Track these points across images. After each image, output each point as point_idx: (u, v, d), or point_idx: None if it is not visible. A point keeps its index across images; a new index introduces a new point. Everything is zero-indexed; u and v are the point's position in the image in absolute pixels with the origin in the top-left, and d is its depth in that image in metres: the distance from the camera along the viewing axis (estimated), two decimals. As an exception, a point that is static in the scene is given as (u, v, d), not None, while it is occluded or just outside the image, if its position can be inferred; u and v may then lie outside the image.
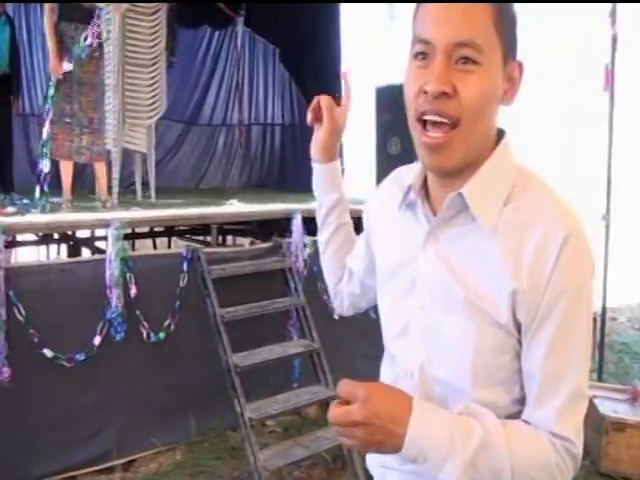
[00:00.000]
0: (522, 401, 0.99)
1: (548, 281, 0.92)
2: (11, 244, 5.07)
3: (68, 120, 4.37)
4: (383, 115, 5.43)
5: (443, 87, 0.92)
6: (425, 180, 1.07)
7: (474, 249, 0.99)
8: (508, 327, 0.95)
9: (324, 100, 1.31)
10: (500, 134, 1.04)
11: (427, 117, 0.95)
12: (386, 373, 1.21)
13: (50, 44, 4.42)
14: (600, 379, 4.46)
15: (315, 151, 1.34)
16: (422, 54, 0.95)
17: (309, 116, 1.32)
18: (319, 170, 1.36)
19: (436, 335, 1.02)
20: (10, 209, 3.97)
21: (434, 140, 0.95)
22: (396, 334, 1.12)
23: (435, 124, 0.95)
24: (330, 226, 1.41)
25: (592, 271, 0.97)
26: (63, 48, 4.42)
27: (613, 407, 3.62)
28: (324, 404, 3.63)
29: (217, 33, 8.87)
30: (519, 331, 0.96)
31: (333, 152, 1.35)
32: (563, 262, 0.92)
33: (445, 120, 0.93)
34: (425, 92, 0.93)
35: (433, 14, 0.95)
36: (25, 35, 7.16)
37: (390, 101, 5.43)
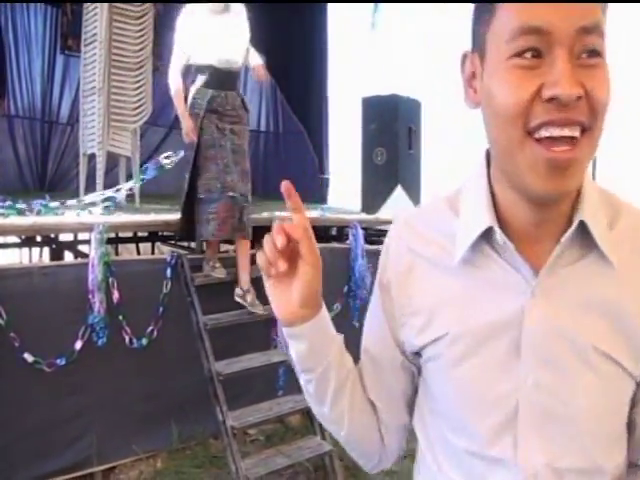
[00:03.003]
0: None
1: None
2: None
3: (231, 194, 3.63)
4: (369, 125, 5.47)
5: (577, 90, 0.70)
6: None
7: (596, 291, 0.80)
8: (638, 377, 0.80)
9: (298, 230, 0.83)
10: None
11: (552, 129, 0.72)
12: None
13: (180, 107, 3.80)
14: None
15: (294, 307, 0.87)
16: (532, 50, 0.72)
17: (267, 265, 0.84)
18: (308, 330, 0.89)
19: (562, 414, 0.79)
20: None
21: (564, 155, 0.72)
22: (494, 430, 0.82)
23: (556, 137, 0.72)
24: (342, 393, 0.94)
25: None
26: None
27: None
28: (306, 413, 3.62)
29: (204, 39, 8.86)
30: None
31: (320, 294, 0.90)
32: None
33: (575, 133, 0.72)
34: (550, 99, 0.71)
35: None
36: (11, 36, 7.11)
37: (376, 111, 5.49)
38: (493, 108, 0.76)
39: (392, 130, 5.35)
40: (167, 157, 4.31)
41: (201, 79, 3.73)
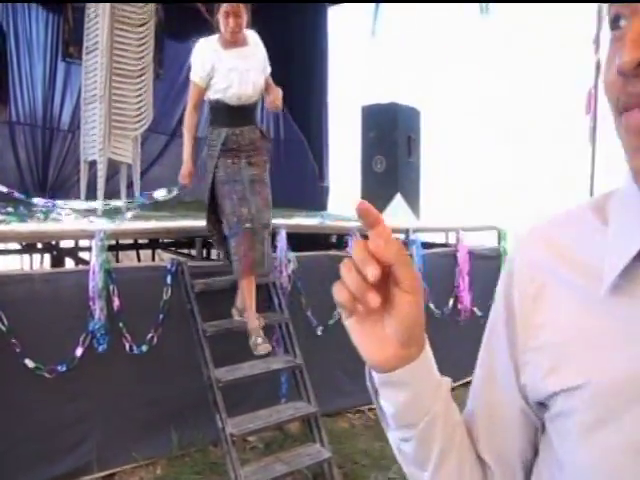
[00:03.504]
0: None
1: None
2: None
3: (248, 226, 3.49)
4: (368, 133, 5.51)
5: (638, 55, 0.55)
6: None
7: None
8: None
9: (391, 250, 0.61)
10: None
11: (629, 114, 0.57)
12: None
13: (185, 148, 3.78)
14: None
15: (394, 348, 0.67)
16: (618, 18, 0.59)
17: (350, 302, 0.64)
18: (411, 375, 0.69)
19: None
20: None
21: None
22: None
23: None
24: (450, 453, 0.73)
25: None
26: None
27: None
28: (306, 420, 3.63)
29: (205, 46, 8.91)
30: None
31: (424, 327, 0.71)
32: None
33: None
34: (619, 72, 0.57)
35: None
36: (13, 43, 7.14)
37: (375, 120, 5.52)
38: None
39: (391, 138, 5.39)
40: (161, 193, 4.23)
41: (216, 117, 3.64)
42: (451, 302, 5.23)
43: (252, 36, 3.69)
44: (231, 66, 3.51)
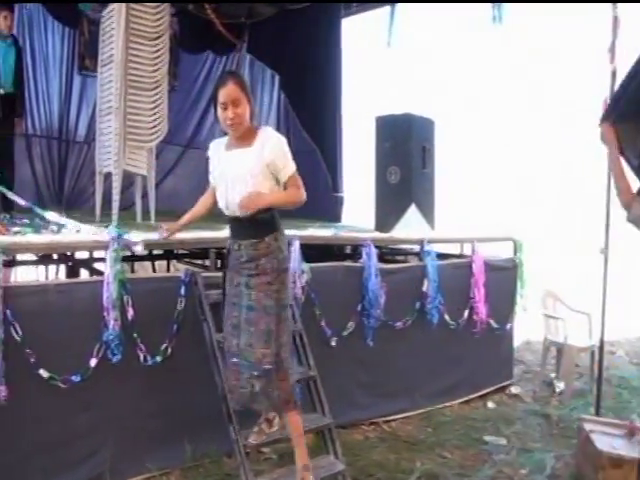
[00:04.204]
0: None
1: None
2: (10, 263, 5.07)
3: (234, 360, 3.12)
4: (383, 144, 5.48)
5: None
6: None
7: None
8: None
9: None
10: None
11: None
12: None
13: (187, 214, 3.64)
14: (598, 413, 4.44)
15: None
16: None
17: None
18: None
19: None
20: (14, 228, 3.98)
21: None
22: None
23: None
24: None
25: None
26: None
27: (610, 442, 3.58)
28: (320, 432, 3.60)
29: (219, 59, 8.98)
30: None
31: None
32: None
33: None
34: None
35: None
36: (29, 57, 7.23)
37: (390, 130, 5.50)
38: None
39: (406, 149, 5.36)
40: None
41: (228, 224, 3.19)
42: (466, 314, 5.19)
43: (263, 134, 3.00)
44: (222, 171, 3.09)
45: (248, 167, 2.92)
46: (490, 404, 5.23)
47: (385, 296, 4.54)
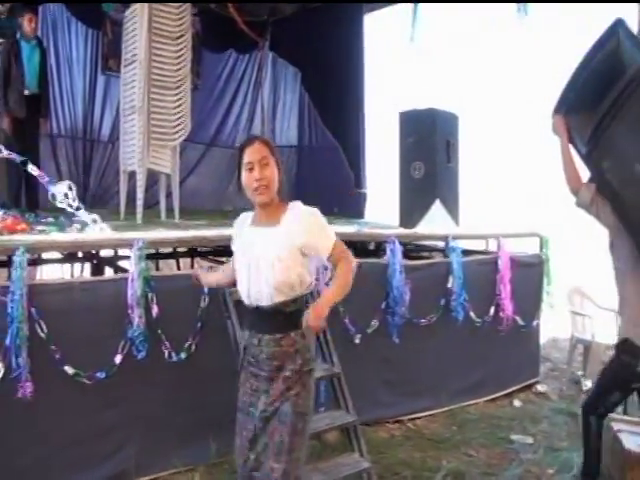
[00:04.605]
0: None
1: None
2: (36, 262, 5.13)
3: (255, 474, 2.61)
4: (407, 139, 5.44)
5: None
6: None
7: None
8: None
9: None
10: None
11: None
12: None
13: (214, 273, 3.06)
14: (626, 412, 4.36)
15: None
16: None
17: None
18: None
19: None
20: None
21: None
22: None
23: None
24: None
25: None
26: None
27: (638, 441, 3.51)
28: (344, 429, 3.58)
29: (241, 57, 9.01)
30: None
31: None
32: None
33: None
34: None
35: None
36: (53, 58, 7.31)
37: (414, 125, 5.46)
38: None
39: (430, 144, 5.31)
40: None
41: (243, 313, 2.73)
42: (492, 311, 5.12)
43: (293, 211, 2.47)
44: (244, 250, 2.53)
45: (275, 251, 2.39)
46: (516, 402, 5.15)
47: (410, 293, 4.50)
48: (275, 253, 2.39)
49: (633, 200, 3.01)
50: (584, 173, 3.26)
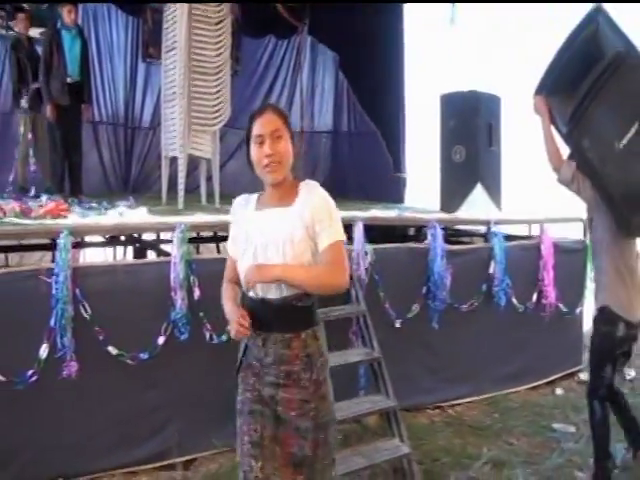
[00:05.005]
0: None
1: None
2: (79, 245, 5.23)
3: None
4: (448, 122, 5.36)
5: None
6: None
7: None
8: None
9: None
10: None
11: None
12: None
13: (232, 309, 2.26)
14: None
15: None
16: None
17: None
18: None
19: None
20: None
21: None
22: None
23: None
24: None
25: None
26: None
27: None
28: (384, 414, 3.57)
29: (280, 42, 8.99)
30: None
31: None
32: None
33: None
34: None
35: None
36: (94, 47, 7.41)
37: (455, 108, 5.38)
38: None
39: (471, 127, 5.22)
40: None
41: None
42: (535, 297, 5.03)
43: (307, 189, 2.14)
44: (248, 235, 2.13)
45: (288, 232, 2.04)
46: (558, 390, 5.07)
47: (451, 278, 4.45)
48: (288, 235, 2.04)
49: (612, 176, 3.16)
50: (565, 151, 3.40)
